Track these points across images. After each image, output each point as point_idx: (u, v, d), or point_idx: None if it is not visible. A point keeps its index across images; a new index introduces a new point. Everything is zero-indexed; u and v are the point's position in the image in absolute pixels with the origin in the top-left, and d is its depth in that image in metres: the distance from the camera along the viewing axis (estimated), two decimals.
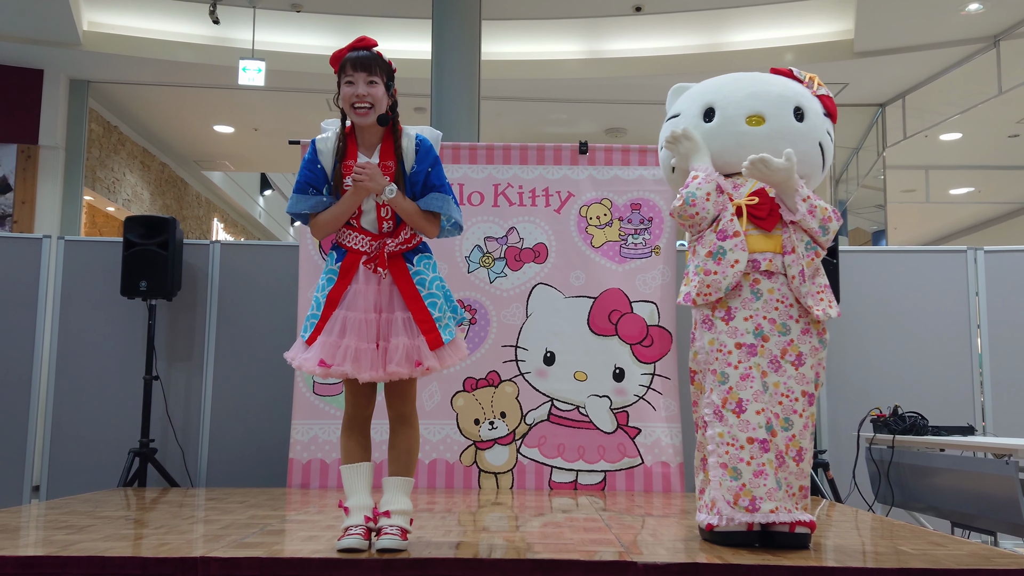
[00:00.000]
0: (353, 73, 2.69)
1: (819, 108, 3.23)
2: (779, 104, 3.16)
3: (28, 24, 7.59)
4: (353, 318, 2.69)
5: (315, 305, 2.76)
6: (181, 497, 4.25)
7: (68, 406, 5.12)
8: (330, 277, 2.76)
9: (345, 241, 2.78)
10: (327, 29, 8.23)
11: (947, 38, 7.71)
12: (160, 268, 4.92)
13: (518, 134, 9.79)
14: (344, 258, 2.76)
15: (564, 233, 4.95)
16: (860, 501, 4.62)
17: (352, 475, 2.78)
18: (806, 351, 2.86)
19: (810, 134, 3.17)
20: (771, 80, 3.27)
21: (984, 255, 5.23)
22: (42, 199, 8.29)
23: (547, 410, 4.79)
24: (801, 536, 2.74)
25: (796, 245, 2.88)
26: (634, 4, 7.43)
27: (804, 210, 2.88)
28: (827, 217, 2.90)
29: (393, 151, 2.77)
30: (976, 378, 5.14)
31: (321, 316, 2.72)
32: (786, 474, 2.79)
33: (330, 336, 2.68)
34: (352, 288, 2.72)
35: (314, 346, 2.70)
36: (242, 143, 10.63)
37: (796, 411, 2.82)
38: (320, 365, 2.66)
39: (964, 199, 12.10)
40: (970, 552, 2.71)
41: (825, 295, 2.89)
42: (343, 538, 2.64)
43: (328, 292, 2.73)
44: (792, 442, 2.81)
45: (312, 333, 2.72)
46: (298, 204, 2.77)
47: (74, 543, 2.74)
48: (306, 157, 2.80)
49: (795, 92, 3.21)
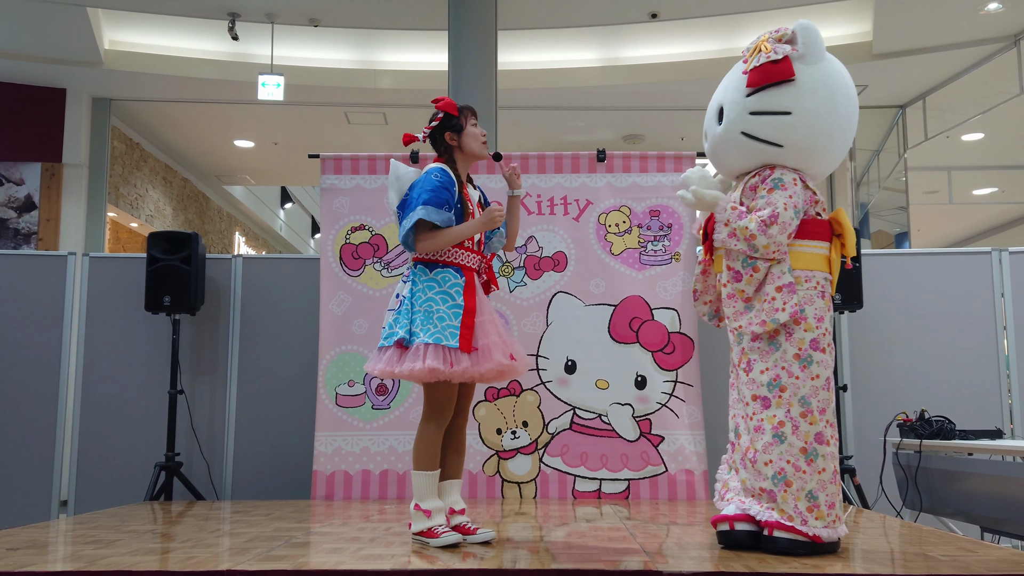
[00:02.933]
0: (475, 118, 3.23)
1: (743, 92, 2.99)
2: (710, 117, 3.16)
3: (50, 44, 7.71)
4: (495, 321, 3.14)
5: (448, 316, 3.01)
6: (207, 510, 4.28)
7: (94, 421, 5.17)
8: (457, 290, 3.07)
9: (458, 259, 3.13)
10: (345, 43, 8.29)
11: (966, 38, 7.64)
12: (183, 283, 4.96)
13: (536, 143, 9.80)
14: (465, 274, 3.12)
15: (583, 241, 4.94)
16: (888, 507, 4.57)
17: (431, 480, 3.03)
18: (755, 357, 2.92)
19: (726, 131, 3.03)
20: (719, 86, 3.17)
21: (1009, 256, 5.17)
22: (66, 216, 8.40)
23: (569, 419, 4.78)
24: (778, 540, 2.76)
25: (732, 265, 2.94)
26: (650, 11, 7.42)
27: (725, 235, 2.94)
28: (750, 235, 2.87)
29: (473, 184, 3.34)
30: (1003, 381, 5.08)
31: (465, 323, 3.00)
32: (746, 475, 2.90)
33: (494, 337, 3.06)
34: (479, 298, 3.12)
35: (485, 348, 3.01)
36: (262, 157, 10.71)
37: (748, 415, 2.93)
38: (511, 359, 3.06)
39: (987, 199, 11.96)
40: (1000, 557, 2.67)
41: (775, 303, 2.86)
42: (440, 536, 2.94)
43: (465, 303, 3.04)
44: (751, 444, 2.90)
45: (461, 340, 2.97)
46: (433, 215, 3.03)
47: (102, 558, 2.76)
48: (442, 179, 3.10)
49: (722, 91, 3.11)
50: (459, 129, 3.19)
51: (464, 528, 3.10)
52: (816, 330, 2.88)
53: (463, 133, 3.19)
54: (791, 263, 2.91)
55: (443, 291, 3.05)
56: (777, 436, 2.84)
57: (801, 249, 2.94)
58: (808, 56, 2.96)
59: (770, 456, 2.83)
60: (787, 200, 2.89)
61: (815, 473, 2.81)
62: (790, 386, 2.85)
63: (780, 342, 2.88)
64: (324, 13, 7.47)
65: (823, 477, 2.81)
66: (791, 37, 2.99)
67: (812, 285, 2.92)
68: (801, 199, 2.93)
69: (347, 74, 8.40)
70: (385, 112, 8.90)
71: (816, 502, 2.79)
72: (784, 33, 3.00)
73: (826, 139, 2.99)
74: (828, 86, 2.97)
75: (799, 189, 2.93)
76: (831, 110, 2.97)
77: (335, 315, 4.89)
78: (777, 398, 2.86)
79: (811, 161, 3.01)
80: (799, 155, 2.98)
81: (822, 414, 2.85)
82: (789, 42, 2.98)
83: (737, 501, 2.90)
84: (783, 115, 2.94)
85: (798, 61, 2.95)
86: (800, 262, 2.93)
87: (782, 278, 2.87)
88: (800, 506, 2.78)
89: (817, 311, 2.90)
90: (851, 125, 3.07)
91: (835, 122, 2.99)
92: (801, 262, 2.93)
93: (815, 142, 2.97)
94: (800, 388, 2.85)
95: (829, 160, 3.07)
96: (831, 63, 3.03)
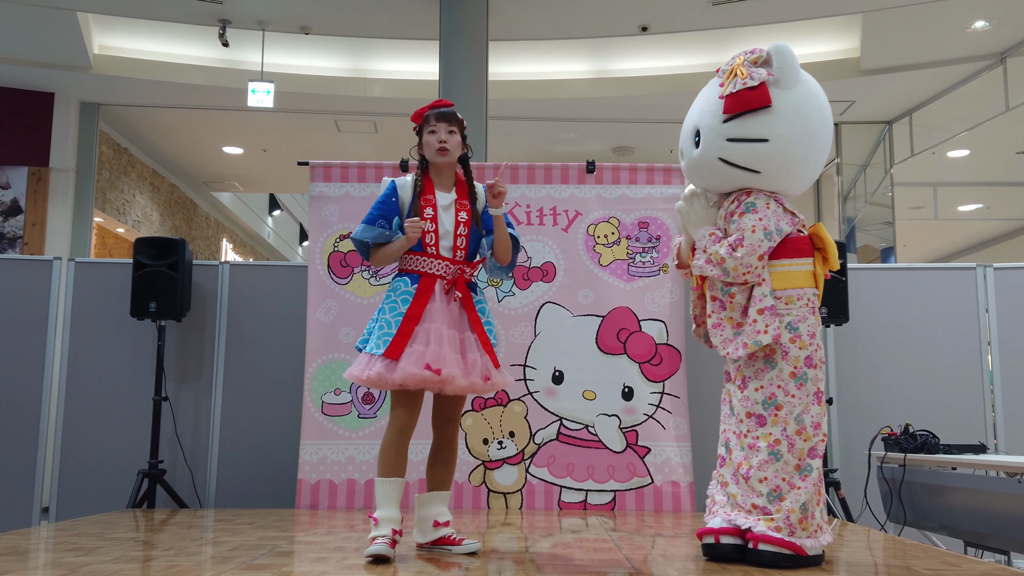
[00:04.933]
0: (436, 124, 3.12)
1: (719, 117, 2.97)
2: (686, 137, 3.13)
3: (39, 48, 7.68)
4: (440, 330, 2.97)
5: (387, 324, 2.97)
6: (190, 518, 4.25)
7: (78, 427, 5.13)
8: (404, 298, 3.01)
9: (418, 267, 3.07)
10: (336, 51, 8.29)
11: (953, 55, 7.72)
12: (170, 289, 4.94)
13: (526, 153, 9.81)
14: (419, 281, 3.04)
15: (572, 252, 4.95)
16: (872, 520, 4.58)
17: (389, 489, 2.96)
18: (750, 374, 2.93)
19: (703, 155, 3.01)
20: (694, 104, 3.15)
21: (994, 272, 5.21)
22: (52, 221, 8.35)
23: (556, 429, 4.78)
24: (763, 553, 2.76)
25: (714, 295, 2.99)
26: (640, 24, 7.46)
27: (701, 262, 2.98)
28: (720, 259, 2.91)
29: (467, 192, 3.20)
30: (987, 396, 5.11)
31: (400, 331, 2.94)
32: (737, 490, 2.90)
33: (427, 345, 2.92)
34: (431, 306, 3.00)
35: (409, 354, 2.90)
36: (251, 164, 10.69)
37: (741, 432, 2.92)
38: (427, 369, 2.87)
39: (973, 216, 12.07)
40: (983, 572, 2.68)
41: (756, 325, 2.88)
42: (372, 545, 2.82)
43: (407, 310, 2.98)
44: (744, 461, 2.89)
45: (391, 347, 2.91)
46: (364, 233, 3.07)
47: (83, 565, 2.74)
48: (384, 193, 3.13)
49: (699, 112, 3.07)
50: (420, 137, 3.18)
51: (449, 539, 3.06)
52: (810, 347, 2.90)
53: (420, 142, 3.18)
54: (778, 284, 2.93)
55: (393, 299, 3.03)
56: (773, 454, 2.84)
57: (786, 269, 2.95)
58: (783, 80, 2.95)
59: (765, 474, 2.84)
60: (756, 222, 2.90)
61: (810, 486, 2.82)
62: (786, 404, 2.86)
63: (776, 360, 2.88)
64: (316, 21, 7.48)
65: (815, 488, 2.84)
66: (766, 59, 2.98)
67: (804, 303, 2.93)
68: (774, 220, 2.93)
69: (338, 82, 8.41)
70: (375, 120, 8.89)
71: (807, 513, 2.81)
72: (759, 55, 2.99)
73: (800, 163, 3.01)
74: (802, 111, 2.97)
75: (772, 211, 2.94)
76: (805, 134, 2.98)
77: (322, 323, 4.87)
78: (773, 416, 2.86)
79: (787, 184, 3.04)
80: (775, 180, 3.00)
81: (816, 429, 2.87)
82: (765, 64, 2.98)
83: (723, 514, 2.90)
84: (759, 142, 2.94)
85: (773, 86, 2.94)
86: (788, 281, 2.94)
87: (763, 300, 2.89)
88: (792, 518, 2.78)
89: (810, 327, 2.91)
90: (825, 146, 3.11)
91: (809, 145, 3.01)
92: (789, 281, 2.94)
93: (790, 167, 2.99)
94: (795, 407, 2.85)
95: (805, 180, 3.12)
96: (806, 84, 3.03)
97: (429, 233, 3.06)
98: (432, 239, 3.07)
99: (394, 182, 3.16)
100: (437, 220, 3.08)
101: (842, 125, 8.99)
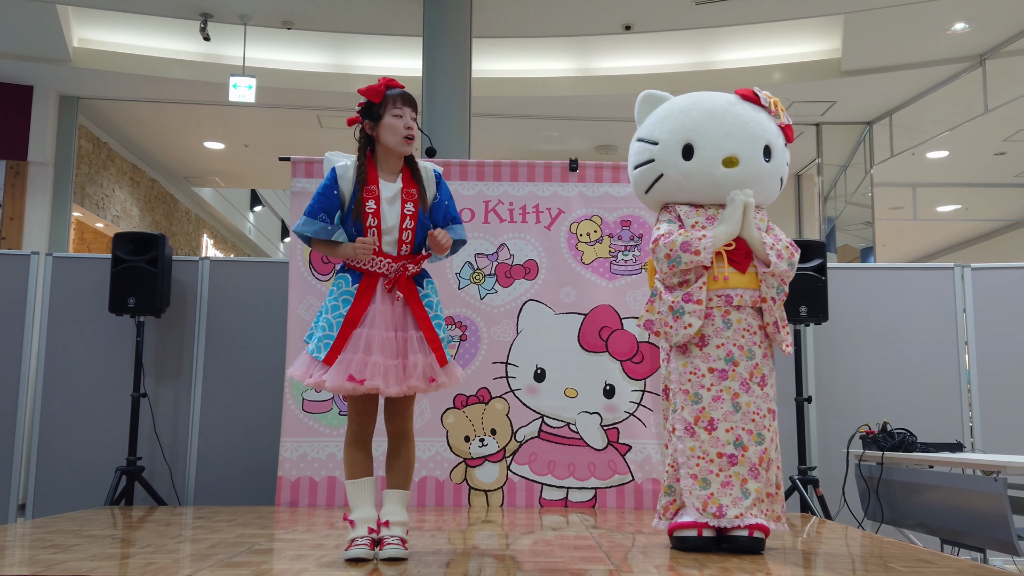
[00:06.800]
0: (403, 107, 2.92)
1: (782, 141, 3.33)
2: (752, 146, 3.23)
3: (18, 40, 7.59)
4: (377, 336, 2.83)
5: (328, 325, 2.86)
6: (168, 516, 4.22)
7: (55, 423, 5.08)
8: (345, 299, 2.87)
9: (360, 264, 2.89)
10: (318, 46, 8.25)
11: (934, 57, 7.78)
12: (149, 285, 4.90)
13: (509, 151, 9.81)
14: (360, 280, 2.88)
15: (554, 250, 4.96)
16: (850, 518, 4.62)
17: (358, 489, 2.89)
18: (767, 372, 3.14)
19: (775, 171, 3.30)
20: (745, 116, 3.25)
21: (971, 272, 5.26)
22: (30, 215, 8.26)
23: (537, 427, 4.79)
24: (757, 540, 2.97)
25: (771, 294, 3.12)
26: (624, 23, 7.47)
27: (774, 258, 3.12)
28: (791, 253, 3.17)
29: (413, 178, 2.97)
30: (964, 395, 5.16)
31: (339, 335, 2.82)
32: (759, 484, 3.03)
33: (356, 353, 2.80)
34: (371, 308, 2.86)
35: (339, 363, 2.79)
36: (232, 159, 10.61)
37: (765, 427, 3.07)
38: (350, 380, 2.75)
39: (951, 216, 12.18)
40: (959, 569, 2.71)
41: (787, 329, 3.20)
42: (350, 548, 2.77)
43: (347, 313, 2.84)
44: (765, 454, 3.05)
45: (330, 352, 2.81)
46: (304, 227, 2.90)
47: (60, 562, 2.71)
48: (324, 183, 2.93)
49: (764, 129, 3.26)
50: (377, 118, 2.93)
51: (381, 542, 2.82)
52: None
53: (380, 123, 2.92)
54: None
55: (334, 299, 2.88)
56: (776, 444, 3.15)
57: None
58: None
59: (777, 463, 3.12)
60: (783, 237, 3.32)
61: None
62: None
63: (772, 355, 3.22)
64: (298, 16, 7.44)
65: None
66: None
67: None
68: None
69: (320, 77, 8.36)
70: None
71: None
72: None
73: None
74: None
75: None
76: None
77: (303, 319, 4.85)
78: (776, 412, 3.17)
79: None
80: None
81: None
82: None
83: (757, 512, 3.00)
84: None
85: None
86: None
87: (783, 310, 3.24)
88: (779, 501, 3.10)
89: None
90: None
91: None
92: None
93: None
94: None
95: None
96: None
97: (371, 228, 2.86)
98: (374, 234, 2.87)
99: (335, 170, 2.93)
100: (380, 215, 2.86)
101: (823, 125, 9.05)
